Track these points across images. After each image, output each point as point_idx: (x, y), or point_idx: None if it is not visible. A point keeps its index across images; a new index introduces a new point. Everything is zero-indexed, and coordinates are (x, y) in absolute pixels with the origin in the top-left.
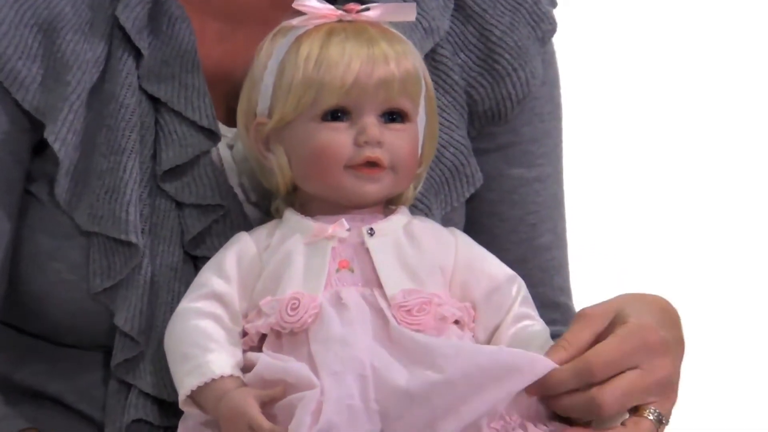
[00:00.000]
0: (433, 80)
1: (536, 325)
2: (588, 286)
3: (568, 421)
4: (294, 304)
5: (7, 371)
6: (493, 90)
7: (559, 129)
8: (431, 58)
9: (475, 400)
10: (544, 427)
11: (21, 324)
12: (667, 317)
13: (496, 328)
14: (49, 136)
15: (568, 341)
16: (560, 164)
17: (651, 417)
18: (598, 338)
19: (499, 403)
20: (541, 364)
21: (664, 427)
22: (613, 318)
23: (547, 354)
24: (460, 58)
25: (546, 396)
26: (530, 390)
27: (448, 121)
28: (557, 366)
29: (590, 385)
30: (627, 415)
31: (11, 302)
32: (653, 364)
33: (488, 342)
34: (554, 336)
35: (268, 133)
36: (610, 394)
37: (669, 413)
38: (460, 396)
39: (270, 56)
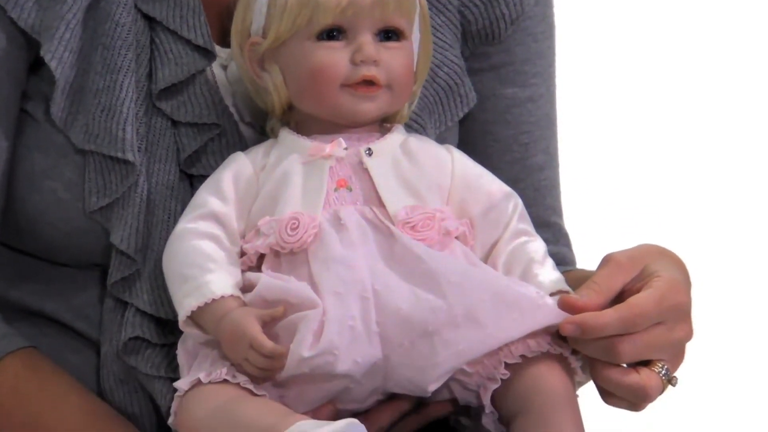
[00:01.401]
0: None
1: (534, 241)
2: None
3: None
4: (293, 223)
5: (4, 290)
6: (486, 10)
7: (552, 49)
8: None
9: (474, 338)
10: (547, 345)
11: (16, 243)
12: (687, 279)
13: (494, 245)
14: (45, 54)
15: (599, 284)
16: (553, 84)
17: (661, 373)
18: (626, 286)
19: (500, 344)
20: (544, 313)
21: (666, 387)
22: (642, 269)
23: (578, 292)
24: None
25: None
26: (566, 329)
27: (441, 40)
28: (564, 317)
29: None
30: None
31: (6, 221)
32: (676, 323)
33: (486, 258)
34: (550, 255)
35: (262, 52)
36: (630, 345)
37: (675, 376)
38: (461, 334)
39: None
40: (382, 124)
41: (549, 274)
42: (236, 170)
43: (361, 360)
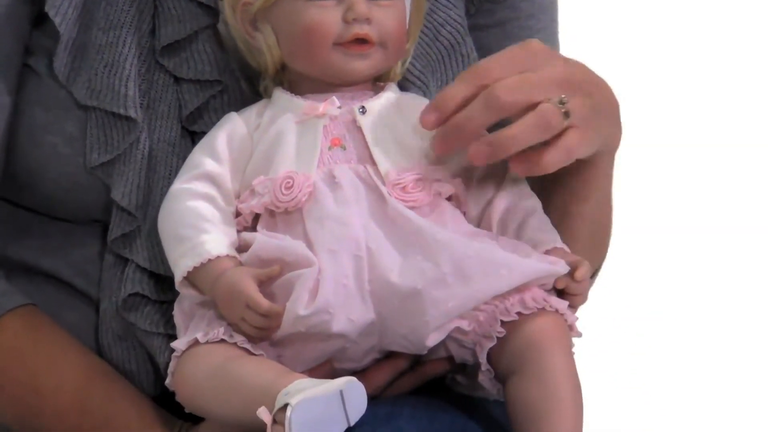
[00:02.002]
0: None
1: (529, 198)
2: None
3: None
4: (288, 182)
5: (2, 246)
6: None
7: (555, 4)
8: None
9: (462, 295)
10: (544, 302)
11: (16, 197)
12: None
13: (489, 202)
14: (50, 9)
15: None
16: (557, 39)
17: (552, 101)
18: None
19: (488, 299)
20: (531, 269)
21: (562, 116)
22: None
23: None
24: None
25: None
26: (426, 122)
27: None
28: (553, 272)
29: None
30: None
31: (6, 175)
32: (543, 64)
33: (481, 216)
34: None
35: (255, 12)
36: (502, 85)
37: (578, 108)
38: (450, 292)
39: None
40: (376, 83)
41: (543, 230)
42: (230, 130)
43: (355, 318)
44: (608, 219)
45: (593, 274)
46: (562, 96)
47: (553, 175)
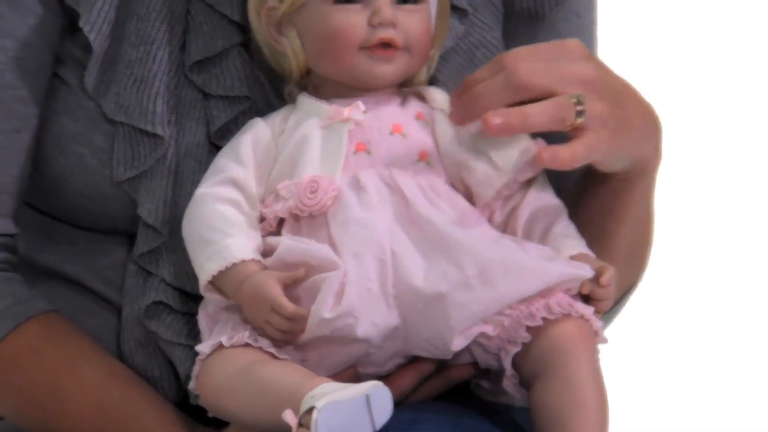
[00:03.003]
0: None
1: (554, 204)
2: None
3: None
4: (313, 186)
5: (27, 251)
6: None
7: (594, 22)
8: None
9: (487, 298)
10: (569, 307)
11: (42, 204)
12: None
13: (514, 209)
14: (85, 26)
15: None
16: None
17: (572, 99)
18: None
19: (513, 303)
20: (556, 273)
21: (577, 112)
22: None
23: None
24: None
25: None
26: (452, 102)
27: (480, 21)
28: (586, 275)
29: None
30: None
31: (34, 183)
32: (574, 61)
33: (506, 222)
34: None
35: (280, 17)
36: (526, 67)
37: (600, 112)
38: (474, 295)
39: None
40: (401, 88)
41: (568, 236)
42: (255, 135)
43: (379, 322)
44: (646, 239)
45: (629, 291)
46: (581, 95)
47: (589, 193)
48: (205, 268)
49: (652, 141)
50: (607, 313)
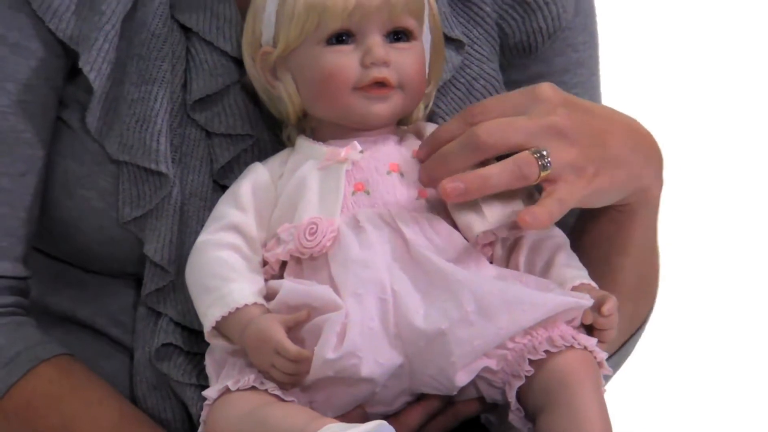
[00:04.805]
0: (464, 12)
1: (555, 236)
2: None
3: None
4: (312, 228)
5: (40, 296)
6: (524, 23)
7: (594, 58)
8: None
9: (487, 332)
10: (572, 339)
11: (51, 249)
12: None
13: (515, 242)
14: (84, 65)
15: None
16: (597, 93)
17: (534, 154)
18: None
19: (513, 336)
20: (554, 303)
21: (540, 169)
22: None
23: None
24: None
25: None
26: (417, 153)
27: (479, 53)
28: (585, 305)
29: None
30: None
31: (42, 227)
32: (543, 111)
33: (507, 256)
34: None
35: (274, 61)
36: (484, 126)
37: (571, 159)
38: (474, 331)
39: None
40: (399, 126)
41: (570, 266)
42: (254, 180)
43: (383, 361)
44: (653, 270)
45: (641, 326)
46: (543, 149)
47: (592, 226)
48: (209, 315)
49: (651, 170)
50: (618, 353)
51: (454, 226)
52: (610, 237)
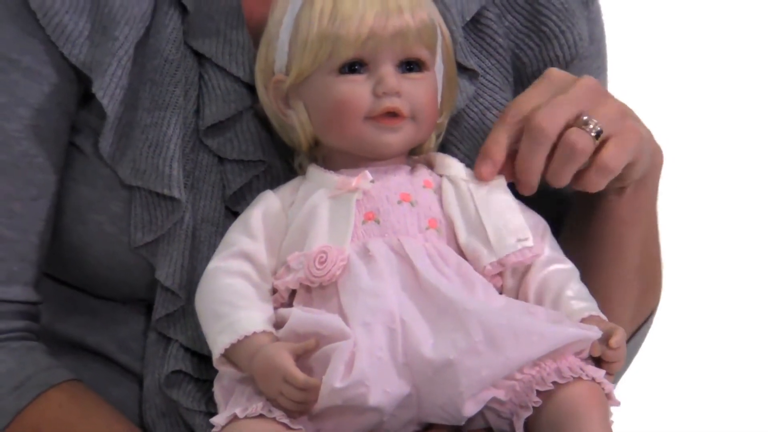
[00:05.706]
0: (476, 42)
1: (565, 268)
2: None
3: (600, 364)
4: (322, 257)
5: (50, 322)
6: (540, 52)
7: (605, 81)
8: (476, 20)
9: (495, 363)
10: (580, 371)
11: (62, 275)
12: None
13: (525, 273)
14: (98, 91)
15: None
16: None
17: (585, 127)
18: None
19: (521, 366)
20: (563, 335)
21: (596, 139)
22: None
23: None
24: (507, 20)
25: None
26: (484, 173)
27: (491, 83)
28: (594, 337)
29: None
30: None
31: (52, 252)
32: (564, 86)
33: (517, 287)
34: None
35: (286, 89)
36: (539, 115)
37: (607, 119)
38: (482, 361)
39: (285, 12)
40: (410, 156)
41: (580, 299)
42: (265, 208)
43: (391, 391)
44: (657, 252)
45: (650, 315)
46: (585, 117)
47: (599, 200)
48: (218, 342)
49: (655, 144)
50: (629, 342)
51: (464, 256)
52: (619, 209)
